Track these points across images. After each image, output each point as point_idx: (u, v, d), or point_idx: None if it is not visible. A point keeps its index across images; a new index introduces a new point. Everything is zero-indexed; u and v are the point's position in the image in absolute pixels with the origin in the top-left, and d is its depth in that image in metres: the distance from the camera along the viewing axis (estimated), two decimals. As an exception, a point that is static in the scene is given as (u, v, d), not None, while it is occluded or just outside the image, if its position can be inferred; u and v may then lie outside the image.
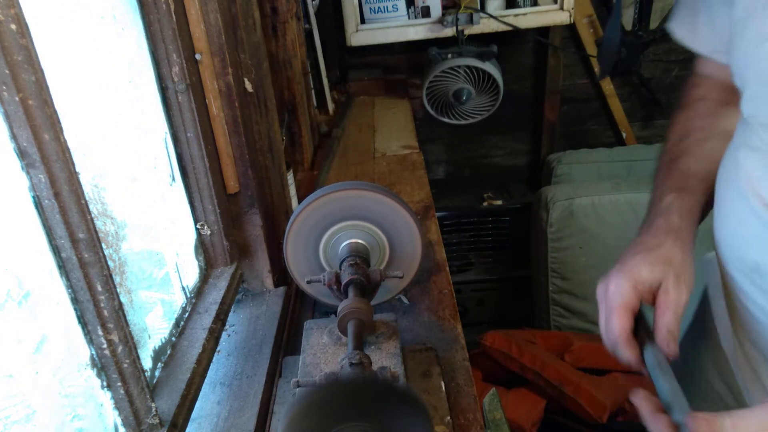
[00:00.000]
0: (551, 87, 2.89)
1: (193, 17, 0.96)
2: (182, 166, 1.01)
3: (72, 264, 0.62)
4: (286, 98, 1.81)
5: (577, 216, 2.49)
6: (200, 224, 1.06)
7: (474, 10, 2.44)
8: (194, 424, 0.89)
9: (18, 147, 0.56)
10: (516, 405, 1.97)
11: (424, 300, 1.21)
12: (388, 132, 2.30)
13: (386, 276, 0.94)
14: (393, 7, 2.52)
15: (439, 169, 3.14)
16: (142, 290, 0.90)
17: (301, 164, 1.91)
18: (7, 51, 0.53)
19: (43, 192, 0.58)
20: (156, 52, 0.92)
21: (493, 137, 3.08)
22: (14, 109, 0.54)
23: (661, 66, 2.88)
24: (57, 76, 0.63)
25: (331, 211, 0.98)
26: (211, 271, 1.11)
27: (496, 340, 2.11)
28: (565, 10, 2.49)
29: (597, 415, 1.84)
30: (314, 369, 0.86)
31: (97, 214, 0.70)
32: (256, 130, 1.14)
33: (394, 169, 1.91)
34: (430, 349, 1.00)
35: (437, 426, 0.85)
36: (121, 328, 0.68)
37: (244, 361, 1.02)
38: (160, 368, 0.86)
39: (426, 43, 2.51)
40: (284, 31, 1.73)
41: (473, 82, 2.46)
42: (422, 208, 1.61)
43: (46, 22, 0.69)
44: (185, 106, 0.96)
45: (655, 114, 3.03)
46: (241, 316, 1.14)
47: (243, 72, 1.08)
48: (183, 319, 0.98)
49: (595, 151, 2.87)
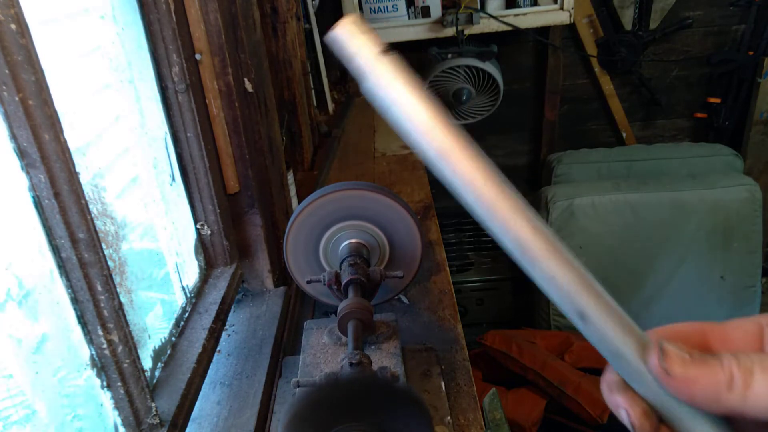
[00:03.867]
0: (551, 87, 2.89)
1: (193, 17, 0.96)
2: (182, 166, 1.01)
3: (72, 264, 0.62)
4: (286, 98, 1.81)
5: (577, 216, 2.49)
6: (200, 224, 1.06)
7: (474, 10, 2.44)
8: (194, 424, 0.88)
9: (18, 147, 0.56)
10: (516, 405, 1.97)
11: (424, 300, 1.21)
12: (388, 132, 2.30)
13: (386, 276, 0.93)
14: (393, 7, 2.52)
15: (439, 169, 3.14)
16: (142, 290, 0.90)
17: (301, 164, 1.91)
18: (7, 51, 0.53)
19: (43, 192, 0.58)
20: (156, 52, 0.92)
21: (493, 137, 3.08)
22: (14, 109, 0.54)
23: (661, 66, 2.88)
24: (57, 76, 0.63)
25: (331, 211, 0.98)
26: (211, 271, 1.11)
27: (496, 340, 2.11)
28: (565, 10, 2.49)
29: (597, 415, 1.84)
30: (314, 369, 0.86)
31: (97, 214, 0.70)
32: (256, 130, 1.14)
33: (394, 169, 1.91)
34: (430, 349, 1.00)
35: (437, 426, 0.85)
36: (121, 328, 0.68)
37: (244, 361, 1.02)
38: (160, 368, 0.86)
39: (426, 43, 2.51)
40: (284, 31, 1.73)
41: (473, 82, 2.46)
42: (422, 208, 1.61)
43: (46, 22, 0.69)
44: (185, 106, 0.96)
45: (655, 114, 3.03)
46: (241, 316, 1.14)
47: (243, 72, 1.08)
48: (183, 319, 0.98)
49: (595, 151, 2.87)
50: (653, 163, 2.75)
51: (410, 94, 0.35)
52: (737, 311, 2.50)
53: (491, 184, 0.35)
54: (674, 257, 2.47)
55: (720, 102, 2.90)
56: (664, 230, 2.47)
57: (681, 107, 3.01)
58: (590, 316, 0.33)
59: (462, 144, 0.35)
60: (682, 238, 2.46)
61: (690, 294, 2.49)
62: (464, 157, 0.35)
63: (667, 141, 3.06)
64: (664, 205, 2.46)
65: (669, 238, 2.47)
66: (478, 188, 0.35)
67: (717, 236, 2.46)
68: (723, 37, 2.83)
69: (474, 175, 0.35)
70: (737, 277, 2.48)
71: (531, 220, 0.34)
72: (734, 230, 2.46)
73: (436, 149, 0.35)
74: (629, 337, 0.32)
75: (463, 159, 0.35)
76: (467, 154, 0.35)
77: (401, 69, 0.35)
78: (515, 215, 0.34)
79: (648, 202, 2.47)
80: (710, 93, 2.94)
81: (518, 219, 0.34)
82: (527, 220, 0.34)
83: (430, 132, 0.35)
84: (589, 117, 3.04)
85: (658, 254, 2.48)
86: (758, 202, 2.47)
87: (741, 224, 2.46)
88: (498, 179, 0.35)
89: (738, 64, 2.79)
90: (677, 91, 2.96)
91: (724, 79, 2.88)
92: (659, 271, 2.49)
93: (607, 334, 0.32)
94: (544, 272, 0.34)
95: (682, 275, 2.48)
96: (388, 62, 0.35)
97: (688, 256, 2.47)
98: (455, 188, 0.35)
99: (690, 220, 2.45)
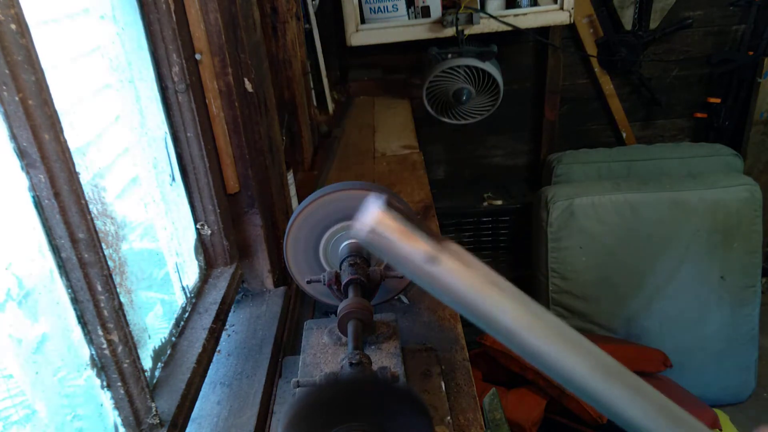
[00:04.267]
0: (551, 87, 2.89)
1: (193, 17, 0.96)
2: (182, 166, 1.01)
3: (72, 264, 0.62)
4: (286, 98, 1.81)
5: (577, 216, 2.49)
6: (200, 224, 1.06)
7: (474, 10, 2.44)
8: (194, 424, 0.88)
9: (18, 147, 0.56)
10: (516, 405, 1.97)
11: (424, 300, 1.21)
12: (388, 132, 2.30)
13: (386, 276, 0.93)
14: (393, 7, 2.52)
15: (439, 169, 3.14)
16: (142, 290, 0.90)
17: (301, 164, 1.90)
18: (7, 51, 0.53)
19: (43, 192, 0.58)
20: (156, 52, 0.92)
21: (493, 137, 3.08)
22: (14, 109, 0.54)
23: (661, 66, 2.88)
24: (57, 76, 0.63)
25: (331, 211, 0.98)
26: (211, 271, 1.11)
27: (496, 340, 2.10)
28: (565, 10, 2.49)
29: (597, 414, 1.84)
30: (314, 369, 0.86)
31: (97, 214, 0.70)
32: (256, 130, 1.14)
33: (394, 169, 1.91)
34: (430, 349, 1.00)
35: (437, 426, 0.85)
36: (121, 328, 0.68)
37: (244, 361, 1.02)
38: (160, 368, 0.86)
39: (426, 43, 2.51)
40: (284, 31, 1.73)
41: (473, 82, 2.45)
42: (422, 208, 1.61)
43: (46, 22, 0.69)
44: (185, 106, 0.96)
45: (655, 114, 3.03)
46: (241, 316, 1.14)
47: (243, 72, 1.08)
48: (183, 319, 0.98)
49: (595, 151, 2.87)
50: (653, 163, 2.75)
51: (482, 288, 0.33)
52: (737, 311, 2.50)
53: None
54: (674, 257, 2.47)
55: (720, 102, 2.90)
56: (664, 230, 2.46)
57: (681, 107, 3.01)
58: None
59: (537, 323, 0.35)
60: (682, 238, 2.46)
61: (690, 294, 2.49)
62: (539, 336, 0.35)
63: (667, 141, 3.06)
64: (664, 205, 2.46)
65: (669, 238, 2.47)
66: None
67: (717, 236, 2.46)
68: (723, 37, 2.83)
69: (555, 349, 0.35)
70: (737, 277, 2.48)
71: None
72: (734, 230, 2.46)
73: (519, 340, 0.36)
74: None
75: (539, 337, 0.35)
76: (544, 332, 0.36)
77: (461, 260, 0.33)
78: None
79: (648, 202, 2.46)
80: (710, 93, 2.94)
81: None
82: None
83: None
84: (589, 117, 3.04)
85: (658, 254, 2.48)
86: (758, 202, 2.47)
87: (741, 224, 2.46)
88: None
89: (738, 64, 2.79)
90: (677, 91, 2.96)
91: (724, 79, 2.87)
92: (659, 271, 2.48)
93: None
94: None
95: (682, 275, 2.48)
96: (447, 259, 0.32)
97: (688, 256, 2.47)
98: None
99: (690, 220, 2.45)
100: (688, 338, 2.51)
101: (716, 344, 2.51)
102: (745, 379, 2.58)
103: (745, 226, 2.46)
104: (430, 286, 0.34)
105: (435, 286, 0.34)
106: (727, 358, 2.53)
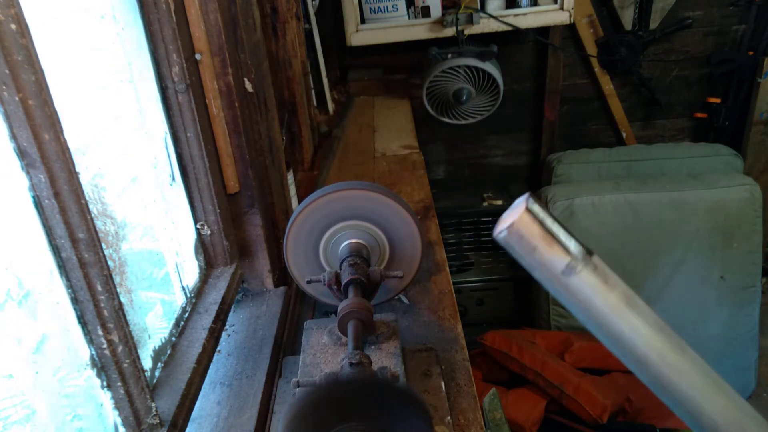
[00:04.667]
0: (551, 87, 2.89)
1: (193, 17, 0.96)
2: (182, 166, 1.01)
3: (72, 264, 0.62)
4: (286, 98, 1.81)
5: (577, 216, 2.49)
6: (200, 224, 1.06)
7: (474, 10, 2.44)
8: (194, 424, 0.88)
9: (18, 147, 0.56)
10: (516, 405, 1.97)
11: (424, 300, 1.21)
12: (388, 132, 2.30)
13: (386, 276, 0.94)
14: (393, 7, 2.52)
15: (439, 169, 3.14)
16: (142, 290, 0.90)
17: (301, 164, 1.91)
18: (7, 51, 0.53)
19: (43, 192, 0.58)
20: (156, 52, 0.92)
21: (493, 137, 3.08)
22: (14, 109, 0.54)
23: (661, 66, 2.88)
24: (57, 76, 0.63)
25: (331, 211, 0.98)
26: (211, 271, 1.11)
27: (496, 340, 2.11)
28: (565, 10, 2.49)
29: (597, 415, 1.84)
30: (314, 369, 0.86)
31: (97, 214, 0.70)
32: (256, 130, 1.14)
33: (394, 169, 1.91)
34: (430, 349, 1.00)
35: (437, 426, 0.85)
36: (121, 328, 0.68)
37: (244, 361, 1.02)
38: (160, 368, 0.86)
39: (426, 43, 2.51)
40: (284, 31, 1.73)
41: (473, 82, 2.45)
42: (422, 208, 1.61)
43: (46, 22, 0.69)
44: (185, 106, 0.96)
45: (655, 114, 3.03)
46: (241, 316, 1.14)
47: (243, 72, 1.08)
48: (183, 319, 0.98)
49: (595, 151, 2.87)
50: (653, 163, 2.75)
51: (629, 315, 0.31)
52: (737, 311, 2.50)
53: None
54: (674, 257, 2.47)
55: (720, 102, 2.90)
56: (664, 230, 2.46)
57: (681, 107, 3.01)
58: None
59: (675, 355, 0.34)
60: (682, 238, 2.46)
61: (690, 294, 2.49)
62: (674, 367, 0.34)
63: (667, 141, 3.06)
64: (664, 205, 2.46)
65: (669, 238, 2.47)
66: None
67: (717, 236, 2.46)
68: (723, 37, 2.83)
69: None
70: (737, 277, 2.48)
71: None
72: (734, 230, 2.46)
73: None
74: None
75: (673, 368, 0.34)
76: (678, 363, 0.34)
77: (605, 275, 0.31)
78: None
79: (648, 202, 2.46)
80: (710, 93, 2.94)
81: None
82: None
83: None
84: (589, 117, 3.04)
85: (658, 254, 2.48)
86: (758, 202, 2.47)
87: (741, 224, 2.46)
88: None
89: (738, 64, 2.79)
90: (677, 91, 2.96)
91: (724, 79, 2.88)
92: (659, 271, 2.48)
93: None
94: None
95: (682, 275, 2.48)
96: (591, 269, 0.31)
97: (688, 256, 2.47)
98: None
99: (690, 220, 2.45)
100: (687, 338, 2.44)
101: (716, 344, 2.51)
102: (745, 379, 2.58)
103: (745, 226, 2.46)
104: (565, 298, 0.33)
105: (569, 299, 0.32)
106: (727, 359, 2.53)
